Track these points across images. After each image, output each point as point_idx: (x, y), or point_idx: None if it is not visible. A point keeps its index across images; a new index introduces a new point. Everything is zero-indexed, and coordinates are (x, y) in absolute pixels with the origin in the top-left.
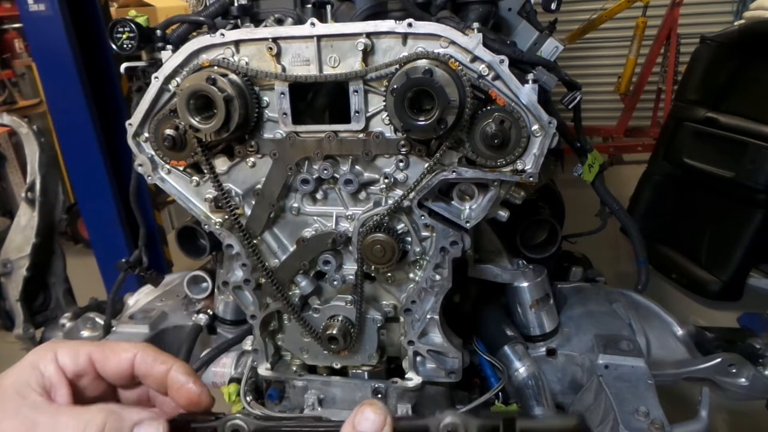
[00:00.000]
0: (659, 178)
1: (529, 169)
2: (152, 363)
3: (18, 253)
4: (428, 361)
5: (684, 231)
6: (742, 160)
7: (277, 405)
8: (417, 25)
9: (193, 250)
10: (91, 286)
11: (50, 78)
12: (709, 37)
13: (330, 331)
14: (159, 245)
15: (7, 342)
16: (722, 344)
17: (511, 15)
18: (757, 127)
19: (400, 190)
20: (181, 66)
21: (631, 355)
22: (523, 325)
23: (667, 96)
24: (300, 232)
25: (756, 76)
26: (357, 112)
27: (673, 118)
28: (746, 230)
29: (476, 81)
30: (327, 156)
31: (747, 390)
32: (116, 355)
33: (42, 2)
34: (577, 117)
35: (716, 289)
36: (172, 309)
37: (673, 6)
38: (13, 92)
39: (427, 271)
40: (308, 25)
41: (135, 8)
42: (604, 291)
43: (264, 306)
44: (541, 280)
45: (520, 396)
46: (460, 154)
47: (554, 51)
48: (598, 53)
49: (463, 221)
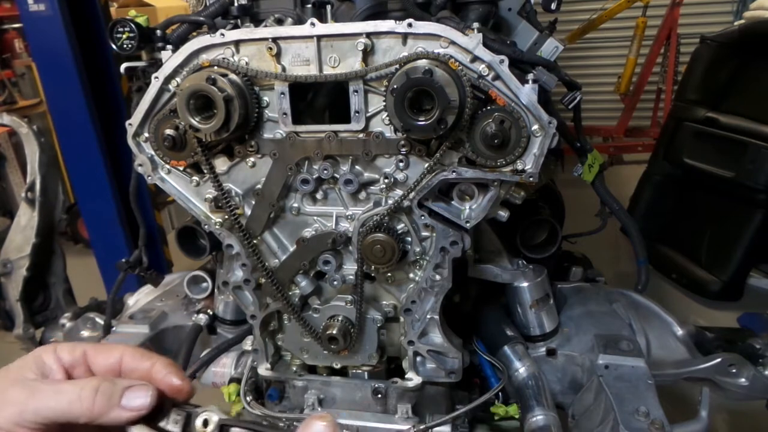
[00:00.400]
0: (659, 178)
1: (529, 169)
2: (139, 359)
3: (18, 253)
4: (428, 361)
5: (684, 231)
6: (742, 160)
7: (277, 405)
8: (417, 25)
9: (193, 250)
10: (91, 286)
11: (50, 78)
12: (709, 37)
13: (330, 331)
14: (159, 245)
15: (7, 342)
16: (722, 344)
17: (511, 15)
18: (757, 127)
19: (400, 190)
20: (181, 66)
21: (631, 355)
22: (523, 325)
23: (667, 96)
24: (300, 232)
25: (756, 76)
26: (357, 112)
27: (673, 118)
28: (746, 230)
29: (476, 81)
30: (327, 156)
31: (747, 390)
32: (107, 352)
33: (42, 2)
34: (577, 117)
35: (716, 289)
36: (172, 309)
37: (673, 6)
38: (13, 92)
39: (427, 271)
40: (308, 25)
41: (135, 8)
42: (604, 291)
43: (264, 306)
44: (541, 280)
45: (520, 396)
46: (460, 154)
47: (554, 51)
48: (598, 53)
49: (463, 221)
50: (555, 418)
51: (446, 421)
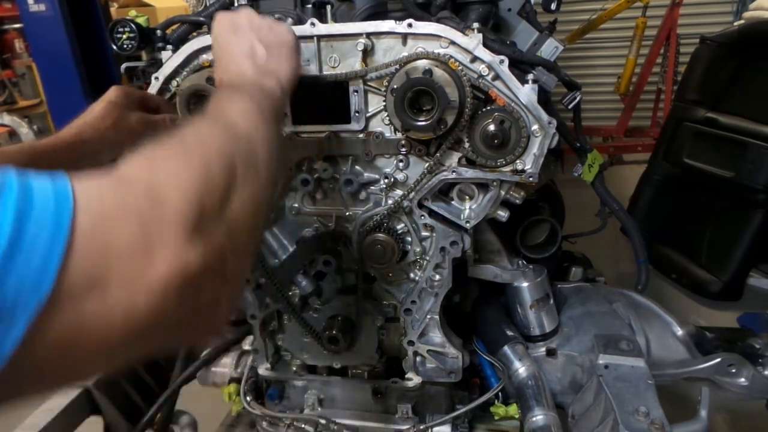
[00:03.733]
0: (659, 178)
1: (529, 169)
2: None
3: None
4: (428, 361)
5: (684, 231)
6: (742, 160)
7: (277, 405)
8: (417, 26)
9: None
10: None
11: (50, 78)
12: (709, 37)
13: (330, 331)
14: None
15: None
16: (722, 344)
17: (511, 15)
18: (757, 127)
19: (400, 190)
20: (181, 66)
21: (631, 355)
22: (523, 325)
23: (667, 96)
24: (300, 232)
25: (756, 76)
26: (357, 112)
27: (673, 118)
28: (746, 230)
29: (476, 81)
30: (327, 156)
31: (747, 390)
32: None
33: (42, 2)
34: (577, 117)
35: (716, 289)
36: None
37: (672, 6)
38: (13, 92)
39: (427, 271)
40: (308, 25)
41: (135, 8)
42: (604, 291)
43: (264, 306)
44: (541, 280)
45: (520, 396)
46: (460, 154)
47: (554, 51)
48: (598, 53)
49: (463, 221)
50: (555, 418)
51: (446, 421)
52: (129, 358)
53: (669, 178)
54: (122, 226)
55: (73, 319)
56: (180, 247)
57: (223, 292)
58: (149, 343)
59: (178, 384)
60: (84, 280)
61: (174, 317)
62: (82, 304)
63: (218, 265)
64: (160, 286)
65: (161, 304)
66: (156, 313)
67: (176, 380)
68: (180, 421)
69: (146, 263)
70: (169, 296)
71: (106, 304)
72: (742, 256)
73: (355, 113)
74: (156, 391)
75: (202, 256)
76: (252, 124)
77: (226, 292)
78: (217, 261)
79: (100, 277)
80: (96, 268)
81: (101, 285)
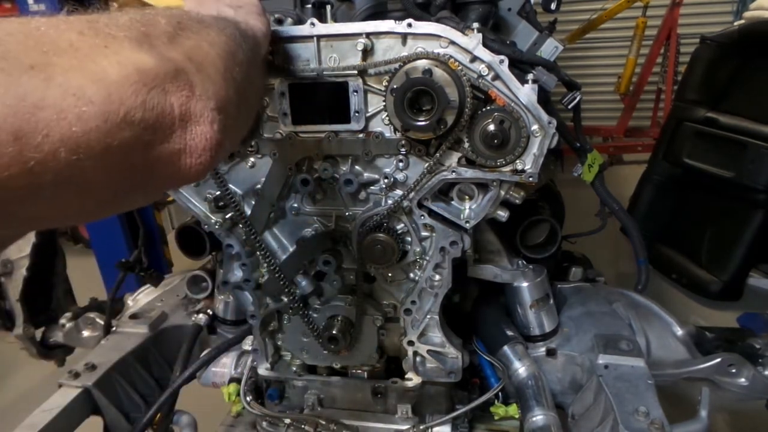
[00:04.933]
0: (659, 178)
1: (528, 169)
2: None
3: (18, 253)
4: (428, 361)
5: (684, 231)
6: (742, 160)
7: (277, 405)
8: (417, 25)
9: (193, 250)
10: (91, 286)
11: None
12: (709, 37)
13: (330, 331)
14: (159, 245)
15: (7, 342)
16: (722, 344)
17: (510, 15)
18: (757, 127)
19: (400, 190)
20: None
21: (631, 355)
22: (523, 325)
23: (667, 96)
24: (300, 232)
25: (756, 76)
26: (357, 112)
27: (673, 118)
28: (746, 230)
29: (476, 81)
30: (327, 156)
31: (747, 390)
32: None
33: (42, 2)
34: (577, 117)
35: (716, 289)
36: (172, 309)
37: (673, 6)
38: None
39: (427, 271)
40: (308, 25)
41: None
42: (604, 291)
43: (264, 306)
44: (540, 280)
45: (520, 396)
46: (460, 154)
47: (554, 51)
48: (598, 53)
49: (463, 221)
50: (555, 418)
51: (446, 421)
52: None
53: (669, 178)
54: None
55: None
56: (130, 51)
57: (195, 108)
58: (117, 143)
59: (178, 384)
60: None
61: (137, 114)
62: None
63: (175, 74)
64: (119, 78)
65: (120, 98)
66: (116, 104)
67: (176, 380)
68: (180, 421)
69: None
70: (125, 90)
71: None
72: (742, 256)
73: (354, 113)
74: (156, 391)
75: (154, 59)
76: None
77: (198, 109)
78: (171, 70)
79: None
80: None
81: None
